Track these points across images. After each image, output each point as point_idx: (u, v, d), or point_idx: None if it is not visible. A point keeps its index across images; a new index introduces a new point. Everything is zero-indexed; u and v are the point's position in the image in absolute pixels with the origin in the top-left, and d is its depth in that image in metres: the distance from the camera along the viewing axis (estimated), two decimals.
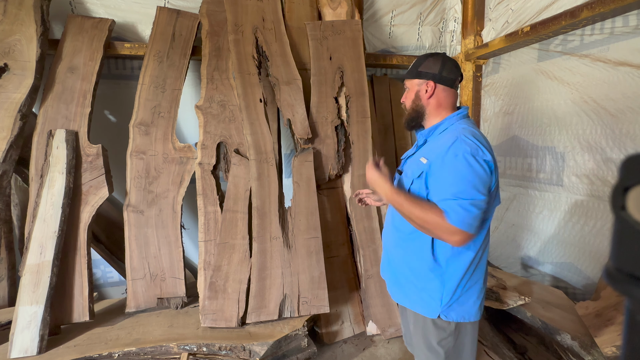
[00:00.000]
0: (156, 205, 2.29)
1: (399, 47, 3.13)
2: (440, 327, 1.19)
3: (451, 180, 1.04)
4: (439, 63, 1.18)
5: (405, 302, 1.29)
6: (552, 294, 2.11)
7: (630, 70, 1.90)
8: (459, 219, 1.01)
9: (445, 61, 1.19)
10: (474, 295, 1.18)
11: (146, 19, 2.57)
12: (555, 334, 1.76)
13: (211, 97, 2.36)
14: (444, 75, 1.17)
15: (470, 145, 1.05)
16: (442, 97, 1.19)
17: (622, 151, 1.95)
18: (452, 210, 1.02)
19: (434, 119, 1.22)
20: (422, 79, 1.19)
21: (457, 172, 1.03)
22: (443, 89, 1.19)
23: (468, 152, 1.03)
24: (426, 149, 1.21)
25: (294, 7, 2.60)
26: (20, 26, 2.17)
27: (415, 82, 1.21)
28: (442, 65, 1.18)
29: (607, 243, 2.08)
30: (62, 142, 2.13)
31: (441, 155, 1.08)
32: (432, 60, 1.19)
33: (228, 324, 2.05)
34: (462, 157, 1.03)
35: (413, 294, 1.23)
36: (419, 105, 1.22)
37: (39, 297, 1.92)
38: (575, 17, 1.99)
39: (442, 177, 1.07)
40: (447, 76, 1.18)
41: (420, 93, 1.21)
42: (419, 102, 1.22)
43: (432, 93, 1.19)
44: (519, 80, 2.67)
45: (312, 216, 2.26)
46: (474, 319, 1.19)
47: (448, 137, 1.12)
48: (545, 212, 2.47)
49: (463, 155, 1.03)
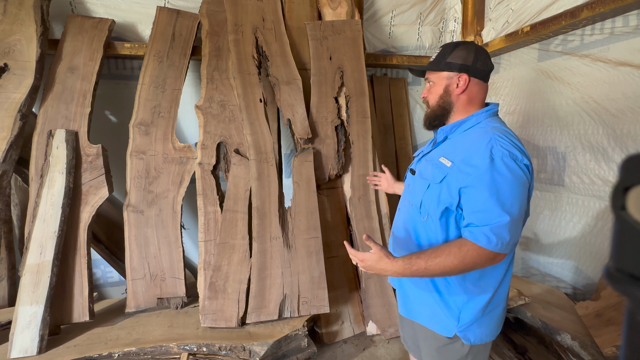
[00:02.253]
0: (156, 205, 2.29)
1: (399, 47, 3.13)
2: (456, 347, 1.06)
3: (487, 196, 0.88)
4: (473, 53, 1.01)
5: (418, 317, 1.15)
6: (552, 294, 2.11)
7: (630, 71, 1.90)
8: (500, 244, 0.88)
9: (478, 51, 1.02)
10: (498, 313, 1.06)
11: (146, 19, 2.57)
12: (555, 334, 1.75)
13: (211, 97, 2.36)
14: (478, 67, 1.01)
15: (507, 148, 0.90)
16: (474, 92, 1.03)
17: (623, 151, 1.95)
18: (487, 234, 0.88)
19: (460, 115, 1.05)
20: (452, 71, 1.02)
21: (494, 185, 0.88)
22: (477, 82, 1.02)
23: (507, 156, 0.89)
24: (447, 148, 1.04)
25: (294, 7, 2.60)
26: (20, 26, 2.17)
27: (444, 75, 1.04)
28: (476, 55, 1.01)
29: (607, 243, 2.07)
30: (62, 142, 2.13)
31: (472, 159, 0.93)
32: (464, 49, 1.02)
33: (228, 324, 2.05)
34: (500, 162, 0.89)
35: (428, 309, 1.09)
36: (447, 101, 1.05)
37: (39, 297, 1.92)
38: (576, 17, 1.99)
39: (477, 190, 0.90)
40: (481, 68, 1.01)
41: (450, 87, 1.03)
42: (447, 97, 1.05)
43: (465, 87, 1.02)
44: (519, 80, 2.67)
45: (312, 216, 2.26)
46: (485, 341, 1.07)
47: (477, 136, 0.96)
48: (546, 212, 2.47)
49: (502, 159, 0.89)
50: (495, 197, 0.88)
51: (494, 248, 0.88)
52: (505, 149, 0.91)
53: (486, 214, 0.89)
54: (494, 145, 0.91)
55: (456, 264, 0.90)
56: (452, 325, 1.04)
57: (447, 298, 1.05)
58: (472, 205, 0.92)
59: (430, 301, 1.08)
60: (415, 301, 1.14)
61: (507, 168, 0.88)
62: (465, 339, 1.04)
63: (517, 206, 0.89)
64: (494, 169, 0.89)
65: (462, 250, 0.90)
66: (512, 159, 0.90)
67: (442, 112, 1.07)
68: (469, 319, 1.03)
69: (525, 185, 0.91)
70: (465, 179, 0.93)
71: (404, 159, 3.17)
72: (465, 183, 0.93)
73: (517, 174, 0.89)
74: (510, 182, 0.88)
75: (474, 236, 0.90)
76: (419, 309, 1.13)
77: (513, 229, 0.89)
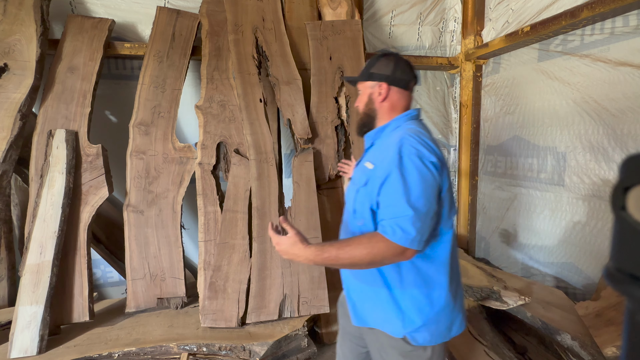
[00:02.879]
0: (156, 205, 2.29)
1: (399, 47, 3.13)
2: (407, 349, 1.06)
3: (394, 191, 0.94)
4: (392, 63, 1.11)
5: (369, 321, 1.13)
6: (552, 294, 2.11)
7: (630, 71, 1.90)
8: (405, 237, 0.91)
9: (398, 61, 1.12)
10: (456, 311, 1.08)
11: (146, 19, 2.57)
12: (555, 334, 1.75)
13: (211, 97, 2.36)
14: (397, 76, 1.10)
15: (415, 146, 0.96)
16: (395, 99, 1.12)
17: (624, 151, 1.95)
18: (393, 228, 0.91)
19: (383, 122, 1.14)
20: (374, 80, 1.12)
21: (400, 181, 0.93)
22: (397, 91, 1.11)
23: (414, 154, 0.95)
24: (372, 153, 1.13)
25: (294, 7, 2.60)
26: (20, 26, 2.17)
27: (368, 84, 1.14)
28: (395, 65, 1.10)
29: (607, 243, 2.07)
30: (62, 142, 2.13)
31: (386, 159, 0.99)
32: (385, 60, 1.12)
33: (228, 324, 2.05)
34: (407, 159, 0.94)
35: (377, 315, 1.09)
36: (372, 108, 1.14)
37: (39, 297, 1.92)
38: (576, 17, 1.99)
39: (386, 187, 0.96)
40: (400, 77, 1.10)
41: (373, 96, 1.13)
42: (372, 105, 1.14)
43: (386, 96, 1.11)
44: (519, 80, 2.67)
45: (312, 216, 2.26)
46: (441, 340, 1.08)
47: (393, 138, 1.03)
48: (547, 212, 2.47)
49: (409, 157, 0.94)
50: (401, 192, 0.92)
51: (398, 241, 0.91)
52: (413, 147, 0.96)
53: (393, 208, 0.94)
54: (403, 144, 0.97)
55: (364, 254, 0.92)
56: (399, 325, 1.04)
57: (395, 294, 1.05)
58: (383, 201, 0.98)
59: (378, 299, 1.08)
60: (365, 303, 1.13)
61: (413, 165, 0.94)
62: (413, 340, 1.04)
63: (422, 201, 0.92)
64: (402, 166, 0.94)
65: (371, 242, 0.93)
66: (418, 157, 0.94)
67: (368, 118, 1.17)
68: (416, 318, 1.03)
69: (430, 182, 0.94)
70: (380, 178, 0.98)
71: None
72: (380, 182, 0.98)
73: (422, 172, 0.93)
74: (416, 179, 0.93)
75: (383, 229, 0.94)
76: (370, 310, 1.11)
77: (418, 224, 0.91)
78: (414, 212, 0.91)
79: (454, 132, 3.38)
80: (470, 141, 3.14)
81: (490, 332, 1.91)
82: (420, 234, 0.92)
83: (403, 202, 0.91)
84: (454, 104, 3.35)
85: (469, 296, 2.10)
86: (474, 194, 3.19)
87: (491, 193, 3.03)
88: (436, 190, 0.96)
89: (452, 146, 3.41)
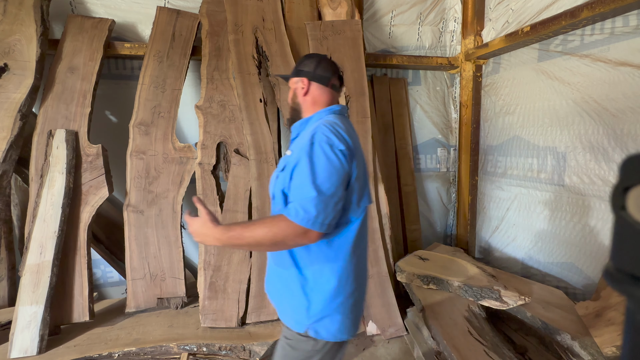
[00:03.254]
0: (156, 205, 2.29)
1: (399, 47, 3.13)
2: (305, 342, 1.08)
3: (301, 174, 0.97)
4: (314, 62, 1.21)
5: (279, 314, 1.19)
6: (552, 294, 2.11)
7: (630, 71, 1.90)
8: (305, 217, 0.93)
9: (320, 61, 1.22)
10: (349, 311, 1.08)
11: (146, 19, 2.57)
12: (555, 334, 1.76)
13: (211, 97, 2.36)
14: (318, 73, 1.20)
15: (327, 134, 1.02)
16: (316, 94, 1.21)
17: (624, 151, 1.95)
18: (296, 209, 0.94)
19: (307, 114, 1.24)
20: (298, 77, 1.22)
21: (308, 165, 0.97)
22: (317, 86, 1.20)
23: (324, 141, 1.00)
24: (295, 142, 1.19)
25: (294, 7, 2.60)
26: (20, 26, 2.17)
27: (294, 80, 1.24)
28: (317, 64, 1.21)
29: (607, 243, 2.07)
30: (62, 142, 2.13)
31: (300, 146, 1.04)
32: (309, 60, 1.23)
33: (228, 324, 2.05)
34: (317, 146, 0.99)
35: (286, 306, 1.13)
36: (297, 102, 1.24)
37: (39, 297, 1.92)
38: (576, 17, 1.99)
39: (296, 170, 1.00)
40: (320, 74, 1.20)
41: (297, 90, 1.23)
42: (296, 99, 1.24)
43: (307, 90, 1.21)
44: (519, 80, 2.67)
45: None
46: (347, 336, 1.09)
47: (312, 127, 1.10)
48: (547, 212, 2.47)
49: (319, 144, 1.00)
50: (307, 175, 0.96)
51: (300, 221, 0.93)
52: (325, 135, 1.01)
53: (299, 189, 0.97)
54: (316, 132, 1.03)
55: (266, 232, 0.94)
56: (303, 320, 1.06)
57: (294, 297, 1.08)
58: (292, 184, 1.01)
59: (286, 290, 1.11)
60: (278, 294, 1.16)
61: (322, 151, 0.98)
62: (315, 334, 1.06)
63: (327, 185, 0.96)
64: (311, 152, 0.99)
65: (274, 221, 0.95)
66: (328, 144, 0.99)
67: (294, 112, 1.26)
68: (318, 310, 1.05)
69: (337, 168, 0.98)
70: (293, 163, 1.03)
71: (404, 159, 3.17)
72: (292, 166, 1.03)
73: (330, 157, 0.98)
74: (323, 164, 0.97)
75: (287, 209, 0.97)
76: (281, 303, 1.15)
77: (321, 206, 0.94)
78: (317, 193, 0.94)
79: (454, 132, 3.38)
80: (470, 141, 3.14)
81: (490, 332, 1.91)
82: (322, 215, 0.94)
83: (309, 184, 0.95)
84: (454, 104, 3.35)
85: (469, 296, 2.10)
86: (474, 194, 3.19)
87: (491, 193, 3.03)
88: (343, 177, 1.00)
89: (452, 146, 3.41)
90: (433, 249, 2.89)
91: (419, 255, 2.63)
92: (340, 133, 1.04)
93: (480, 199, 3.18)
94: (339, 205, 0.99)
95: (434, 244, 3.08)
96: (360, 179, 1.08)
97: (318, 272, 1.06)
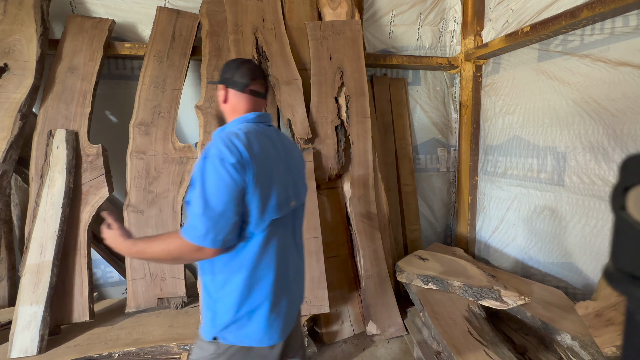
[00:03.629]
0: (156, 205, 2.29)
1: (399, 47, 3.13)
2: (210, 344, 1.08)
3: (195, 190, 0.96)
4: (233, 68, 1.17)
5: None
6: (552, 294, 2.11)
7: (630, 71, 1.90)
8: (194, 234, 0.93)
9: (239, 66, 1.17)
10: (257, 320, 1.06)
11: (146, 19, 2.57)
12: (555, 334, 1.76)
13: (211, 97, 2.36)
14: (235, 79, 1.15)
15: (219, 148, 0.97)
16: (235, 102, 1.16)
17: (624, 151, 1.95)
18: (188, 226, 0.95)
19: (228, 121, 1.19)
20: (220, 84, 1.19)
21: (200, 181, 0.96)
22: (234, 93, 1.15)
23: (215, 155, 0.96)
24: None
25: (294, 7, 2.60)
26: (20, 26, 2.17)
27: (218, 87, 1.21)
28: (235, 69, 1.16)
29: (607, 243, 2.07)
30: (62, 142, 2.13)
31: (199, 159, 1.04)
32: (229, 65, 1.19)
33: None
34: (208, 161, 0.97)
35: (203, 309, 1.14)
36: (219, 110, 1.22)
37: (39, 297, 1.92)
38: (575, 17, 1.99)
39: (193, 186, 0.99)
40: (238, 81, 1.15)
41: (219, 98, 1.20)
42: (219, 107, 1.22)
43: (225, 98, 1.17)
44: (519, 80, 2.67)
45: (312, 216, 2.26)
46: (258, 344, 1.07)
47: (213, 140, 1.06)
48: (546, 212, 2.47)
49: (210, 159, 0.97)
50: (198, 191, 0.95)
51: (190, 238, 0.94)
52: (217, 149, 0.97)
53: (192, 207, 0.96)
54: (211, 146, 0.99)
55: (163, 248, 0.97)
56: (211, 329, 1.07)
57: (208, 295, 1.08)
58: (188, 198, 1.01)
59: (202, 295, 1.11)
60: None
61: (212, 166, 0.95)
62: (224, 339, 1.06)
63: (216, 201, 0.94)
64: (203, 167, 0.97)
65: (171, 238, 0.97)
66: (219, 159, 0.95)
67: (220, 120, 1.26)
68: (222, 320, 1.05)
69: (227, 184, 0.95)
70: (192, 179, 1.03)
71: (404, 159, 3.17)
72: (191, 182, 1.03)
73: (220, 173, 0.95)
74: (213, 180, 0.95)
75: (183, 226, 0.99)
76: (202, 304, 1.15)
77: (209, 223, 0.93)
78: (205, 210, 0.93)
79: (454, 132, 3.38)
80: (470, 141, 3.14)
81: (490, 332, 1.91)
82: (213, 232, 0.93)
83: (199, 201, 0.94)
84: (454, 104, 3.36)
85: (469, 296, 2.10)
86: (474, 194, 3.19)
87: (491, 193, 3.03)
88: (236, 192, 0.96)
89: (452, 146, 3.41)
90: (433, 249, 2.89)
91: (419, 255, 2.63)
92: (234, 145, 0.98)
93: (480, 199, 3.18)
94: (232, 221, 0.96)
95: (434, 244, 3.08)
96: (264, 191, 1.02)
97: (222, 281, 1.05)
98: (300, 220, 1.24)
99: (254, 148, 1.02)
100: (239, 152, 0.98)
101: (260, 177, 1.01)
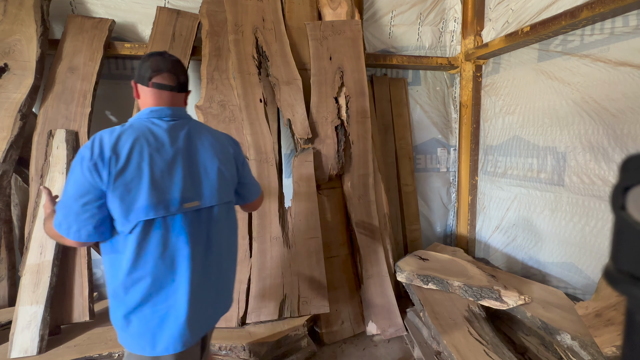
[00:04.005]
0: None
1: (399, 47, 3.13)
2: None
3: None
4: (141, 61, 1.13)
5: None
6: (552, 294, 2.11)
7: (630, 71, 1.90)
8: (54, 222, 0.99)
9: (146, 59, 1.13)
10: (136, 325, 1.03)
11: (146, 19, 2.57)
12: (555, 334, 1.76)
13: (211, 97, 2.36)
14: (141, 73, 1.12)
15: (83, 147, 1.00)
16: (143, 96, 1.13)
17: (624, 151, 1.95)
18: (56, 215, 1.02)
19: None
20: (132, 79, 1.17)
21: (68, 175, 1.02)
22: (141, 88, 1.12)
23: (78, 154, 1.00)
24: None
25: (294, 7, 2.60)
26: (20, 26, 2.17)
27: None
28: (142, 63, 1.13)
29: (607, 243, 2.07)
30: (62, 142, 2.13)
31: None
32: (141, 59, 1.15)
33: (228, 324, 2.05)
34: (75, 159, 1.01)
35: None
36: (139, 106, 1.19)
37: (39, 297, 1.92)
38: (575, 17, 1.99)
39: None
40: (142, 74, 1.11)
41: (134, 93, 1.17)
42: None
43: (136, 92, 1.15)
44: (519, 80, 2.67)
45: (312, 216, 2.26)
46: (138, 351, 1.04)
47: None
48: (546, 212, 2.47)
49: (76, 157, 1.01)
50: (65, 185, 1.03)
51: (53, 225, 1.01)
52: (84, 148, 1.00)
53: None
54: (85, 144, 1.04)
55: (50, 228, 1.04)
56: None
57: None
58: None
59: None
60: None
61: (74, 164, 1.00)
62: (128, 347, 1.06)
63: (67, 196, 0.99)
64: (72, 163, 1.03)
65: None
66: (80, 157, 0.99)
67: None
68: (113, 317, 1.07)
69: (79, 182, 0.98)
70: None
71: (404, 159, 3.17)
72: None
73: (75, 171, 0.99)
74: (71, 177, 1.00)
75: None
76: None
77: (60, 215, 0.99)
78: (60, 203, 1.00)
79: (454, 132, 3.38)
80: (470, 141, 3.14)
81: (490, 332, 1.91)
82: (65, 224, 0.98)
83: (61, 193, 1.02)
84: (454, 104, 3.36)
85: (469, 296, 2.10)
86: (474, 194, 3.20)
87: (491, 193, 3.03)
88: (88, 191, 0.97)
89: (452, 146, 3.41)
90: (433, 249, 2.89)
91: (419, 255, 2.63)
92: (100, 145, 0.99)
93: (480, 199, 3.18)
94: (83, 217, 0.97)
95: (434, 244, 3.08)
96: (128, 191, 0.99)
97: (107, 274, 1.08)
98: (223, 222, 1.18)
99: (122, 148, 1.00)
100: (101, 152, 0.98)
101: (122, 177, 0.99)
